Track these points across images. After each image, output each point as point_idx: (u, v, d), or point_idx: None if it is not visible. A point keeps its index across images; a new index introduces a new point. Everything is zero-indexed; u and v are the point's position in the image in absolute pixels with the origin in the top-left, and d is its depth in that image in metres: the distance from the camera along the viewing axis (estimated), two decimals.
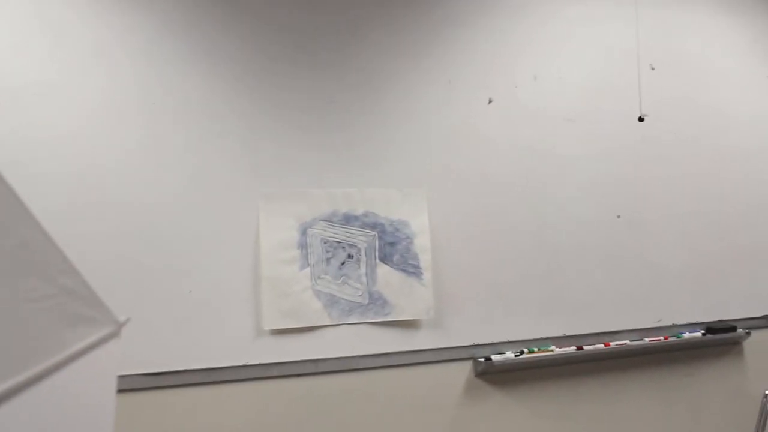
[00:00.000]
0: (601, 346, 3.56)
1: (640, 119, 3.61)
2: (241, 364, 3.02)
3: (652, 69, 3.76)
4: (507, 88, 3.50)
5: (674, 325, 3.75)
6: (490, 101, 3.47)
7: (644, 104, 3.67)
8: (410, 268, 3.26)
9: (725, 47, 3.98)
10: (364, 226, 3.22)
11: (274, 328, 3.07)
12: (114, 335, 1.18)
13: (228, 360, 2.99)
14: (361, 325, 3.19)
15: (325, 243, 3.16)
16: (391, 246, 3.25)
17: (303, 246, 3.13)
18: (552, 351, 3.48)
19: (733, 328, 3.84)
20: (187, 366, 2.94)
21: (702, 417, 3.83)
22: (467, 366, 3.38)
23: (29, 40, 2.81)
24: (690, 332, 3.76)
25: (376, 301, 3.21)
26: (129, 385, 2.85)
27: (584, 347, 3.53)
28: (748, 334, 3.90)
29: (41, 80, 2.81)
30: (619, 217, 3.67)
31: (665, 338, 3.69)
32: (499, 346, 3.42)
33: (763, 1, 4.07)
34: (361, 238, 3.21)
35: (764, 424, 3.53)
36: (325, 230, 3.17)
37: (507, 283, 3.44)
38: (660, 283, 3.73)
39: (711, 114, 3.90)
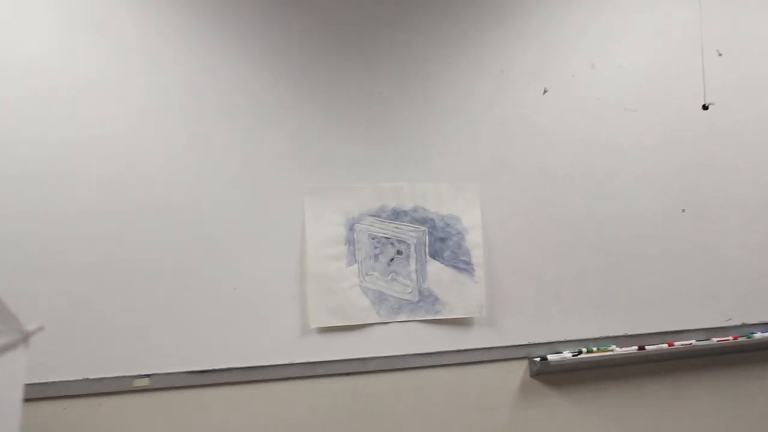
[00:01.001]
0: (665, 346, 3.37)
1: (705, 107, 3.40)
2: (286, 362, 2.94)
3: (720, 55, 3.54)
4: (563, 78, 3.34)
5: (744, 325, 3.53)
6: (545, 91, 3.31)
7: (709, 92, 3.46)
8: (461, 264, 3.13)
9: None
10: (414, 221, 3.10)
11: (321, 326, 2.98)
12: (19, 344, 1.03)
13: (273, 358, 2.92)
14: (410, 323, 3.08)
15: (373, 239, 3.06)
16: (442, 242, 3.12)
17: (350, 242, 3.03)
18: (612, 351, 3.30)
19: None
20: (232, 364, 2.87)
21: None
22: (522, 366, 3.24)
23: (72, 38, 2.78)
24: (762, 332, 3.53)
25: (427, 298, 3.09)
26: (174, 383, 2.81)
27: (646, 347, 3.34)
28: None
29: (85, 78, 2.79)
30: (683, 210, 3.47)
31: (734, 338, 3.47)
32: (555, 346, 3.26)
33: None
34: (411, 234, 3.09)
35: None
36: (373, 225, 3.06)
37: (564, 279, 3.28)
38: (729, 279, 3.51)
39: None
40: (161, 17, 2.90)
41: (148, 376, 2.79)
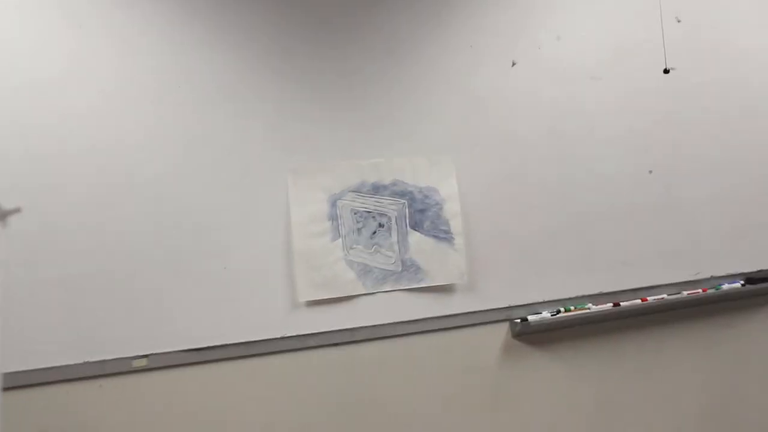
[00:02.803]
0: (639, 301, 3.47)
1: (666, 71, 3.48)
2: (278, 336, 3.01)
3: (678, 21, 3.61)
4: (530, 50, 3.41)
5: (712, 277, 3.64)
6: (513, 64, 3.38)
7: (669, 57, 3.54)
8: (441, 233, 3.20)
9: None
10: (394, 194, 3.17)
11: (309, 299, 3.04)
12: None
13: (265, 333, 2.99)
14: (395, 293, 3.15)
15: (355, 213, 3.12)
16: (422, 213, 3.19)
17: (333, 218, 3.09)
18: (588, 309, 3.40)
19: None
20: (226, 341, 2.94)
21: (745, 369, 3.72)
22: (504, 328, 3.33)
23: (40, 28, 2.81)
24: (729, 284, 3.64)
25: (409, 268, 3.16)
26: (172, 362, 2.88)
27: (621, 304, 3.44)
28: None
29: (56, 69, 2.81)
30: (650, 172, 3.55)
31: (704, 291, 3.57)
32: (534, 307, 3.35)
33: None
34: (391, 207, 3.16)
35: None
36: (354, 201, 3.12)
37: (540, 243, 3.36)
38: (696, 235, 3.62)
39: (737, 61, 3.75)
40: (132, 6, 2.93)
41: (146, 356, 2.85)
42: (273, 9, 3.11)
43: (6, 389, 2.60)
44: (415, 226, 3.20)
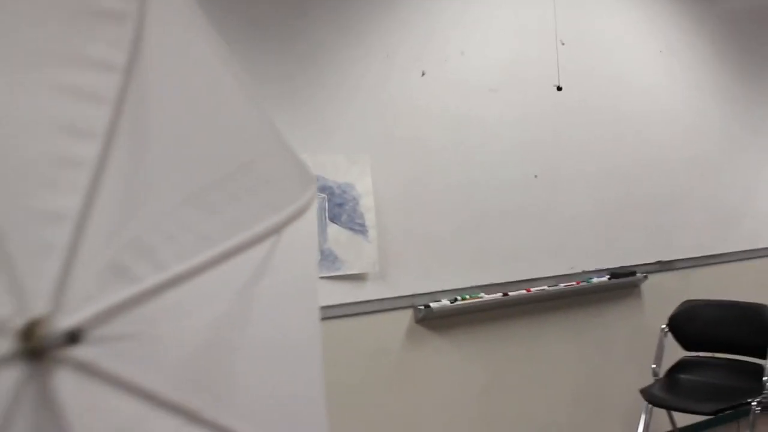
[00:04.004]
0: (524, 291, 3.88)
1: (559, 89, 3.90)
2: None
3: (562, 44, 4.03)
4: (438, 62, 3.72)
5: (584, 272, 4.10)
6: (423, 74, 3.67)
7: (561, 76, 3.95)
8: (357, 226, 3.46)
9: (627, 24, 4.31)
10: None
11: None
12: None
13: None
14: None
15: None
16: (340, 207, 3.43)
17: None
18: (481, 297, 3.75)
19: (633, 273, 4.23)
20: None
21: (610, 350, 4.25)
22: (409, 314, 3.63)
23: None
24: (598, 277, 4.13)
25: (328, 257, 3.40)
26: None
27: (509, 293, 3.82)
28: (646, 277, 4.32)
29: None
30: (536, 176, 3.95)
31: (577, 283, 4.05)
32: (436, 295, 3.67)
33: None
34: None
35: (662, 353, 3.93)
36: None
37: (442, 238, 3.69)
38: (572, 234, 4.07)
39: (614, 84, 4.26)
40: None
41: None
42: (209, 15, 3.24)
43: None
44: (334, 219, 3.44)
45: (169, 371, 0.74)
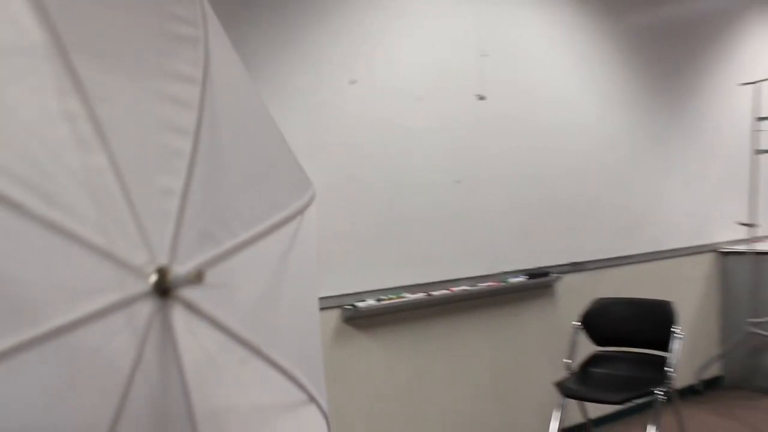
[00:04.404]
0: (446, 291, 4.06)
1: (481, 98, 4.09)
2: None
3: (482, 56, 4.23)
4: (367, 71, 3.86)
5: (502, 272, 4.31)
6: (351, 82, 3.79)
7: (483, 86, 4.14)
8: None
9: (543, 38, 4.55)
10: None
11: None
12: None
13: None
14: None
15: None
16: None
17: None
18: (405, 297, 3.90)
19: (548, 273, 4.46)
20: None
21: (526, 346, 4.48)
22: (336, 313, 3.76)
23: None
24: (514, 278, 4.33)
25: None
26: None
27: (432, 293, 3.98)
28: (559, 278, 4.54)
29: None
30: (458, 182, 4.13)
31: (496, 283, 4.24)
32: (362, 295, 3.82)
33: (575, 2, 4.64)
34: None
35: (575, 348, 4.17)
36: None
37: (368, 240, 3.83)
38: (491, 237, 4.27)
39: (531, 94, 4.49)
40: None
41: None
42: None
43: None
44: None
45: (240, 314, 0.98)
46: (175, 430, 0.87)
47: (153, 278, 0.83)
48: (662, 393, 3.73)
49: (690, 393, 5.45)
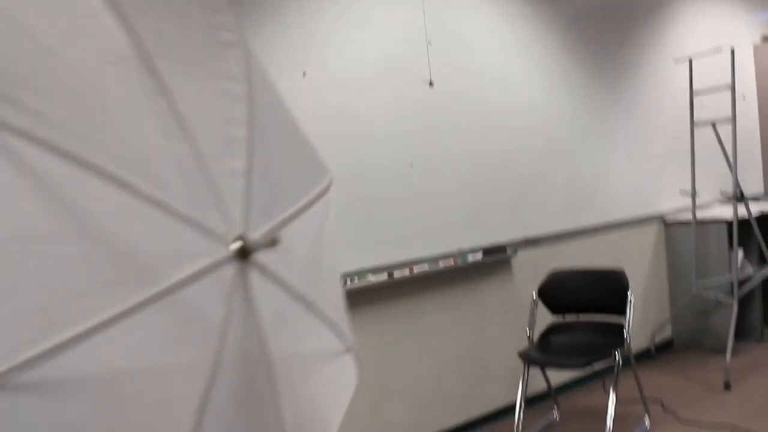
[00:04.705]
0: (407, 272, 4.16)
1: (431, 84, 4.23)
2: None
3: (429, 43, 4.36)
4: (318, 63, 3.98)
5: (460, 251, 4.45)
6: (304, 74, 3.90)
7: (432, 73, 4.29)
8: None
9: (487, 24, 4.74)
10: None
11: None
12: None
13: None
14: None
15: None
16: None
17: None
18: (369, 279, 4.01)
19: (504, 249, 4.62)
20: None
21: (486, 321, 4.68)
22: None
23: None
24: (473, 255, 4.46)
25: None
26: None
27: (394, 274, 4.10)
28: (515, 252, 4.70)
29: None
30: (412, 165, 4.26)
31: (455, 261, 4.38)
32: None
33: None
34: None
35: (534, 319, 4.34)
36: None
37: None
38: (448, 216, 4.44)
39: (478, 78, 4.67)
40: None
41: None
42: None
43: None
44: None
45: (297, 273, 1.15)
46: (257, 372, 1.04)
47: (236, 245, 0.98)
48: (620, 355, 3.92)
49: (644, 357, 5.69)
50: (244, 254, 0.99)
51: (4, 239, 0.76)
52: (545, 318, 4.49)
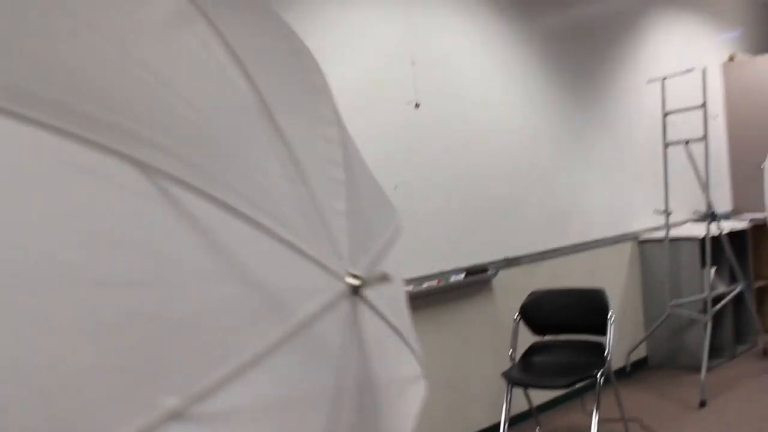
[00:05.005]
0: None
1: (416, 106, 4.24)
2: None
3: (413, 64, 4.37)
4: None
5: (443, 272, 4.46)
6: None
7: (417, 94, 4.29)
8: None
9: (467, 44, 4.77)
10: None
11: None
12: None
13: None
14: None
15: None
16: None
17: None
18: None
19: (485, 270, 4.62)
20: None
21: (469, 341, 4.71)
22: None
23: None
24: (455, 276, 4.47)
25: None
26: None
27: None
28: (496, 273, 4.72)
29: None
30: (396, 187, 4.26)
31: (438, 282, 4.38)
32: None
33: (492, 10, 4.84)
34: None
35: (516, 340, 4.35)
36: None
37: None
38: (430, 237, 4.45)
39: (461, 99, 4.71)
40: None
41: None
42: None
43: None
44: None
45: (386, 304, 1.20)
46: (367, 396, 1.12)
47: (351, 280, 1.04)
48: (601, 374, 3.95)
49: (619, 375, 5.75)
50: (355, 289, 1.05)
51: (176, 282, 0.82)
52: (527, 338, 4.51)
